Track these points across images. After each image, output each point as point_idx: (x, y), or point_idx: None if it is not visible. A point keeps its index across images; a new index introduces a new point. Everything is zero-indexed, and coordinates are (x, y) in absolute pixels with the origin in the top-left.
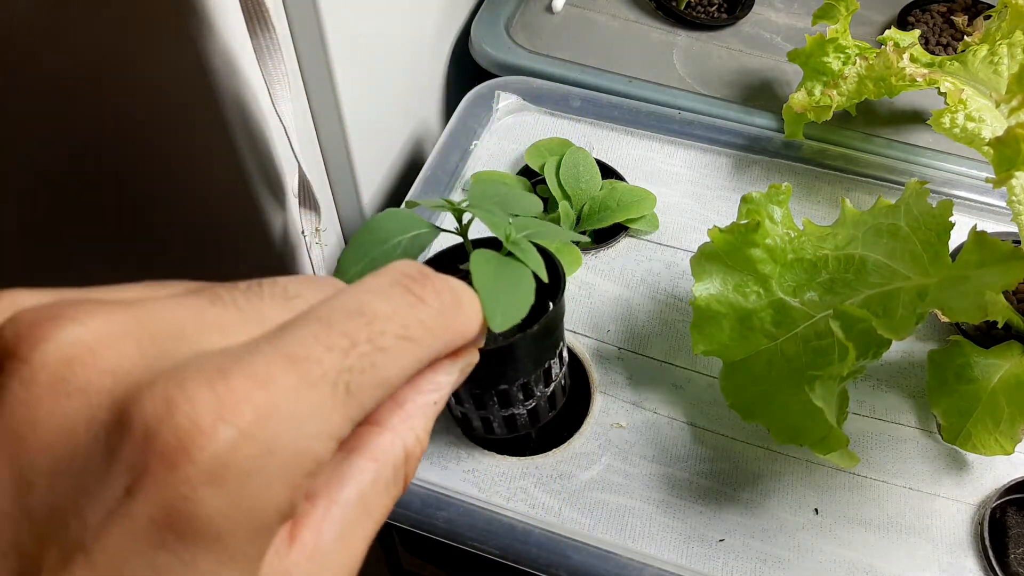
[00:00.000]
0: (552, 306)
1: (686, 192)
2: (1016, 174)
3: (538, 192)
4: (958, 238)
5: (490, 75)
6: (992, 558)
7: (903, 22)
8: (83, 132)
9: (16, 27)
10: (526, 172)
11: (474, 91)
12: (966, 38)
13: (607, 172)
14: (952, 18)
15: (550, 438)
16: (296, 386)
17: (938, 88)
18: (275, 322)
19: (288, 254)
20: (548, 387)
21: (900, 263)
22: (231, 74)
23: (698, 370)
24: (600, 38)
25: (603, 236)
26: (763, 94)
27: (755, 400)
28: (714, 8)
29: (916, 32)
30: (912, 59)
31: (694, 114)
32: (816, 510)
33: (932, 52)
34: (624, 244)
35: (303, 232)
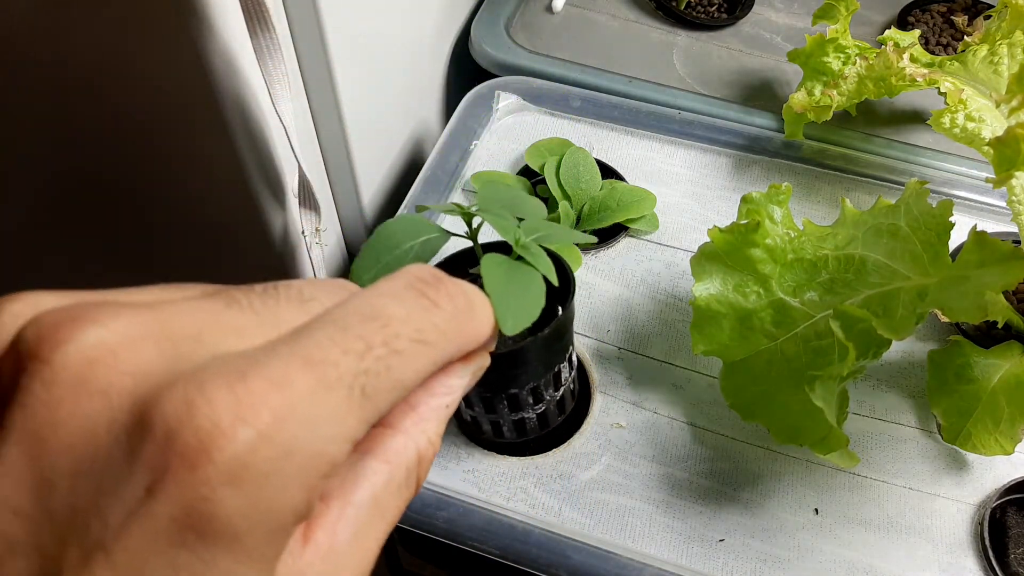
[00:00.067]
0: (562, 310)
1: (686, 192)
2: (1016, 174)
3: (538, 192)
4: (958, 238)
5: (490, 75)
6: (992, 558)
7: (903, 22)
8: (83, 132)
9: (16, 27)
10: (526, 172)
11: (474, 91)
12: (966, 38)
13: (607, 172)
14: (952, 18)
15: (550, 438)
16: (313, 389)
17: (938, 88)
18: (291, 325)
19: (288, 254)
20: (558, 391)
21: (900, 263)
22: (231, 74)
23: (698, 370)
24: (600, 38)
25: (603, 236)
26: (763, 94)
27: (755, 400)
28: (714, 8)
29: (916, 32)
30: (912, 59)
31: (694, 114)
32: (816, 510)
33: (932, 52)
34: (624, 244)
35: (303, 232)
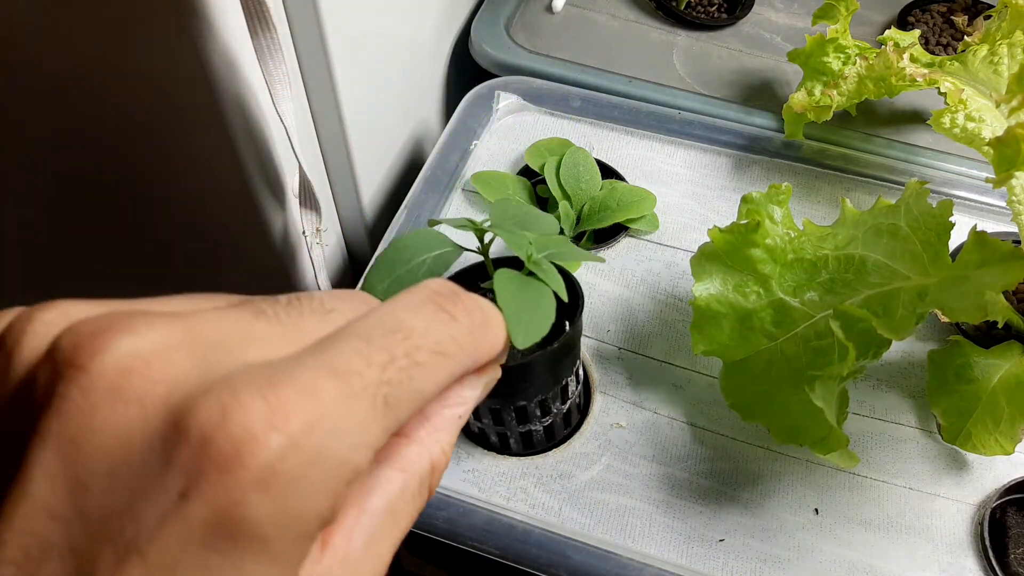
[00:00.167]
0: (571, 325)
1: (686, 192)
2: (1016, 174)
3: (538, 192)
4: (958, 238)
5: (490, 75)
6: (992, 558)
7: (903, 22)
8: (83, 132)
9: (16, 27)
10: (526, 172)
11: (474, 91)
12: (966, 38)
13: (607, 172)
14: (952, 18)
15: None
16: (340, 398)
17: (938, 88)
18: (314, 336)
19: (288, 254)
20: (564, 404)
21: (900, 263)
22: (231, 74)
23: (698, 370)
24: (600, 38)
25: (603, 236)
26: (763, 94)
27: (755, 400)
28: (714, 8)
29: (916, 32)
30: (912, 59)
31: (694, 114)
32: (816, 510)
33: (932, 52)
34: (624, 244)
35: (303, 232)
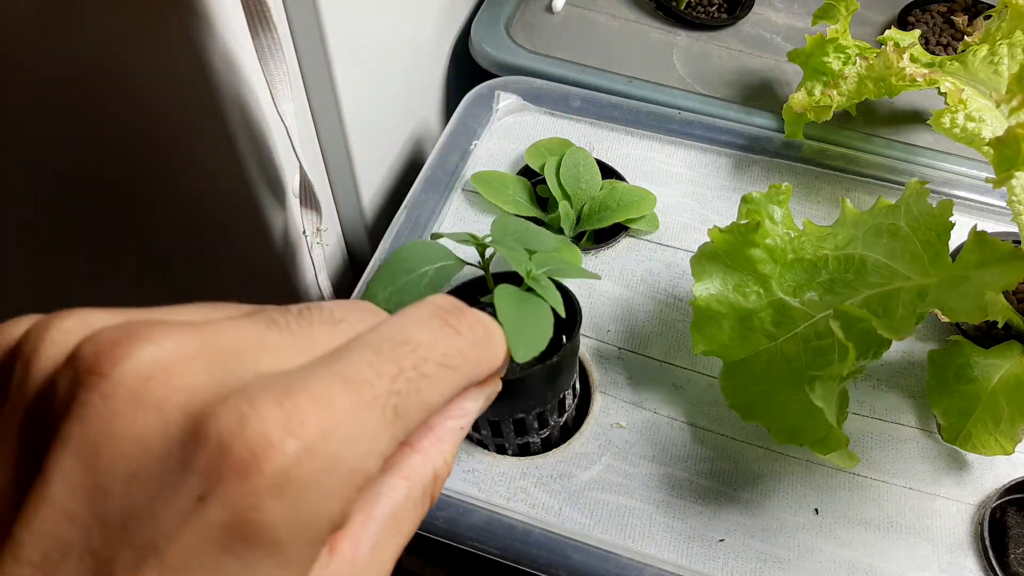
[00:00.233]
0: (568, 340)
1: (686, 192)
2: (1016, 174)
3: (538, 192)
4: (958, 238)
5: (490, 75)
6: (992, 558)
7: (903, 22)
8: (83, 132)
9: (16, 27)
10: (526, 172)
11: (474, 91)
12: (966, 38)
13: (607, 172)
14: (952, 18)
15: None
16: (352, 407)
17: (938, 88)
18: (324, 346)
19: (288, 254)
20: (562, 417)
21: (900, 263)
22: (232, 74)
23: (698, 370)
24: (600, 38)
25: (603, 236)
26: (763, 94)
27: (755, 400)
28: (714, 8)
29: (916, 32)
30: (912, 59)
31: (694, 114)
32: (816, 510)
33: (932, 52)
34: (624, 244)
35: (304, 232)
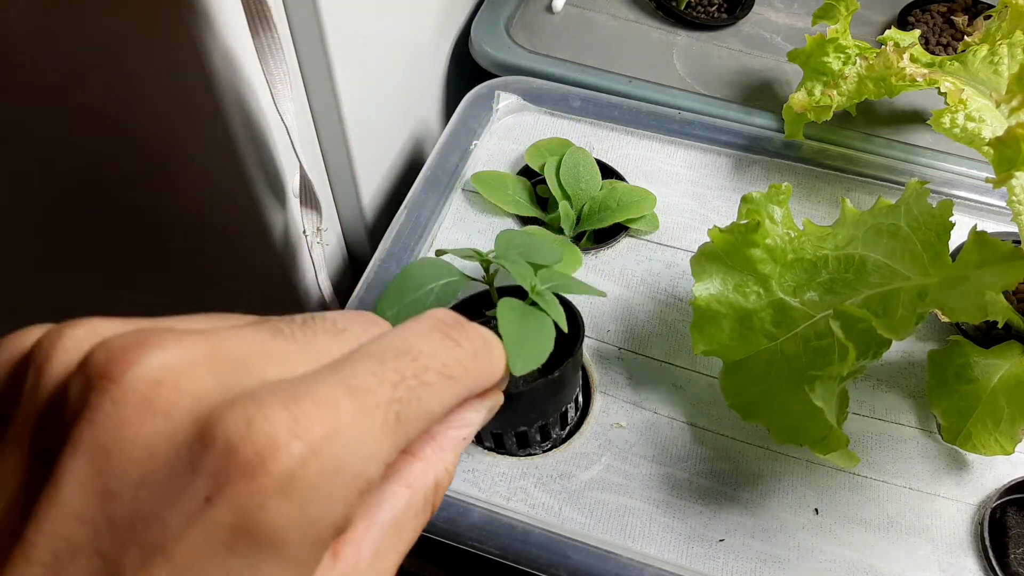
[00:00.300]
0: (572, 354)
1: (686, 192)
2: (1016, 174)
3: (538, 192)
4: (958, 238)
5: (490, 75)
6: (992, 558)
7: (903, 22)
8: (82, 132)
9: (16, 27)
10: (526, 172)
11: (474, 91)
12: (966, 38)
13: (607, 172)
14: (952, 18)
15: None
16: (356, 413)
17: (938, 88)
18: (328, 355)
19: (288, 254)
20: (564, 430)
21: (900, 263)
22: (232, 73)
23: (698, 370)
24: (600, 38)
25: (603, 236)
26: (763, 94)
27: (755, 400)
28: (714, 8)
29: (916, 32)
30: (912, 59)
31: (694, 114)
32: (816, 510)
33: (932, 52)
34: (624, 244)
35: (304, 232)
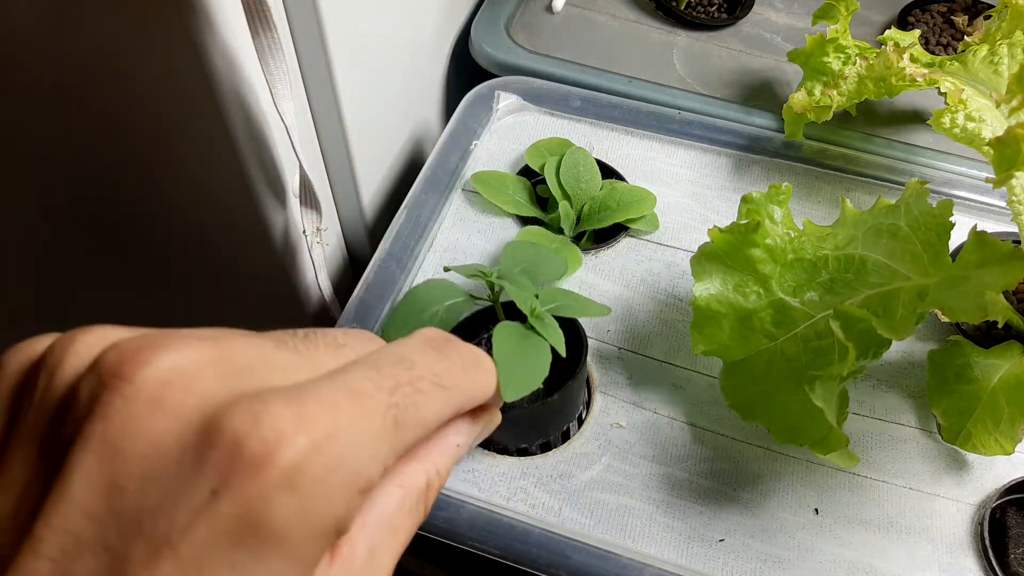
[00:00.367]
0: (574, 376)
1: (686, 192)
2: (1016, 174)
3: (538, 192)
4: (958, 238)
5: (490, 75)
6: (992, 558)
7: (903, 22)
8: (83, 133)
9: (16, 27)
10: (526, 172)
11: (474, 91)
12: (966, 38)
13: (607, 172)
14: (952, 18)
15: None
16: (356, 413)
17: (938, 88)
18: (327, 367)
19: (288, 254)
20: (566, 443)
21: (900, 263)
22: (232, 73)
23: (698, 370)
24: (600, 38)
25: (603, 236)
26: (763, 94)
27: (755, 400)
28: (714, 8)
29: (916, 32)
30: (912, 59)
31: (694, 114)
32: (816, 510)
33: (932, 52)
34: (624, 244)
35: (304, 232)
